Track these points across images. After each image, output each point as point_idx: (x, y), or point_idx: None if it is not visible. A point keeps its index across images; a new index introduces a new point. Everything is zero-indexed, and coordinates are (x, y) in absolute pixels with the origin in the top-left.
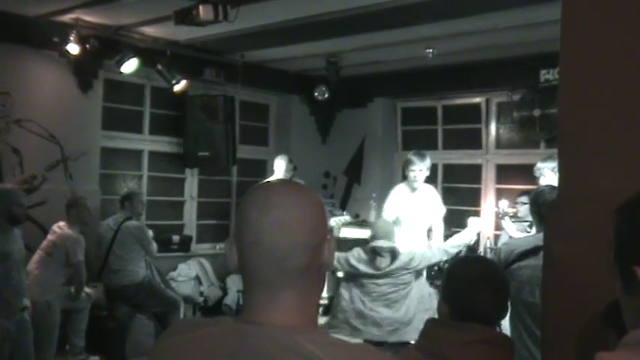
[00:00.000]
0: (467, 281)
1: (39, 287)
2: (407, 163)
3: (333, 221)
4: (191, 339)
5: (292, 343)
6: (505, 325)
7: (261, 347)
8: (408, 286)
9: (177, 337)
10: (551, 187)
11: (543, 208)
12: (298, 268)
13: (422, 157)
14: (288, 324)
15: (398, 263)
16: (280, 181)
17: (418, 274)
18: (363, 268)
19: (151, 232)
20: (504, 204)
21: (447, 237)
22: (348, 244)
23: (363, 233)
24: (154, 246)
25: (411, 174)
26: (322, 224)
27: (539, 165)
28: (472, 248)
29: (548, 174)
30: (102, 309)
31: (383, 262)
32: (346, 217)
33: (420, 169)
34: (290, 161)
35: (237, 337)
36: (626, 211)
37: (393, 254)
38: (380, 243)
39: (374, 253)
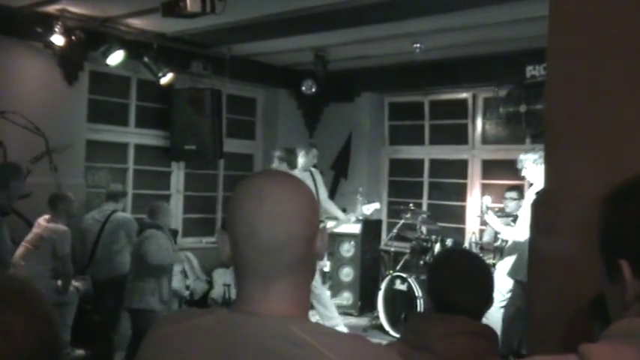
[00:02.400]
0: (449, 274)
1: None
2: None
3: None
4: (185, 328)
5: (286, 332)
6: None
7: (255, 336)
8: None
9: (171, 327)
10: None
11: None
12: (293, 260)
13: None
14: (282, 314)
15: None
16: (272, 173)
17: None
18: None
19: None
20: (487, 200)
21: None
22: (334, 239)
23: (351, 227)
24: None
25: None
26: (315, 215)
27: (522, 157)
28: (457, 242)
29: (530, 165)
30: (88, 302)
31: None
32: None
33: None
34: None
35: (232, 327)
36: (614, 202)
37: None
38: None
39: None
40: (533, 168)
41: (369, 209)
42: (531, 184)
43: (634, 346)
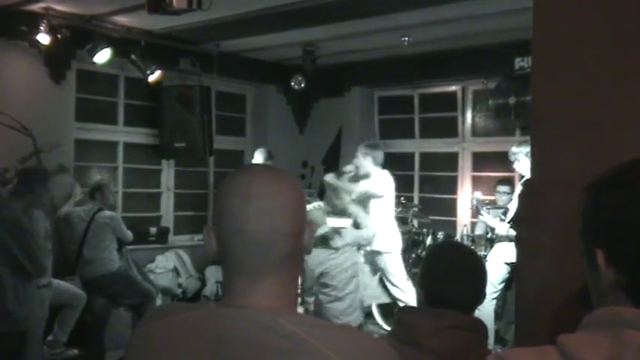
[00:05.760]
0: (440, 268)
1: None
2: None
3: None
4: (172, 322)
5: (275, 324)
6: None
7: (242, 329)
8: None
9: (158, 321)
10: None
11: None
12: (281, 256)
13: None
14: (271, 307)
15: None
16: (260, 168)
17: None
18: None
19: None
20: (477, 195)
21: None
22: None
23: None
24: (129, 233)
25: None
26: (303, 210)
27: (514, 150)
28: (449, 235)
29: (523, 158)
30: None
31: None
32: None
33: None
34: (270, 156)
35: (219, 320)
36: (593, 191)
37: None
38: None
39: None
40: (526, 161)
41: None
42: (522, 177)
43: (609, 336)
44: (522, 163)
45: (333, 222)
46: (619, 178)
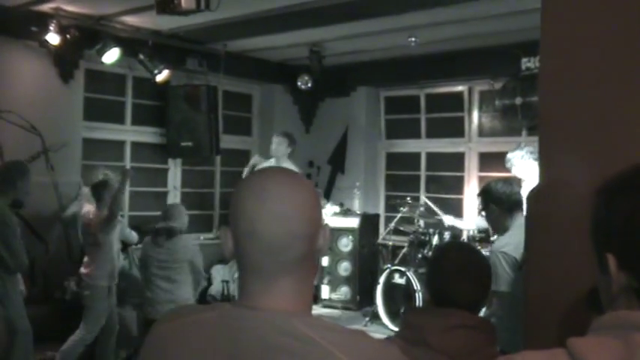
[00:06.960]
0: (447, 269)
1: None
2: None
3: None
4: (188, 323)
5: (289, 326)
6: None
7: (258, 331)
8: None
9: (173, 323)
10: (503, 180)
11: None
12: (295, 258)
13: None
14: (285, 309)
15: None
16: (275, 170)
17: None
18: None
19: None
20: None
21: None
22: (332, 233)
23: (349, 222)
24: (134, 233)
25: None
26: (317, 212)
27: (509, 156)
28: (455, 235)
29: (518, 162)
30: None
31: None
32: (332, 207)
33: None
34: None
35: (235, 321)
36: (603, 194)
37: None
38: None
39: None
40: (521, 164)
41: None
42: (522, 181)
43: (620, 339)
44: (518, 167)
45: None
46: (629, 182)
